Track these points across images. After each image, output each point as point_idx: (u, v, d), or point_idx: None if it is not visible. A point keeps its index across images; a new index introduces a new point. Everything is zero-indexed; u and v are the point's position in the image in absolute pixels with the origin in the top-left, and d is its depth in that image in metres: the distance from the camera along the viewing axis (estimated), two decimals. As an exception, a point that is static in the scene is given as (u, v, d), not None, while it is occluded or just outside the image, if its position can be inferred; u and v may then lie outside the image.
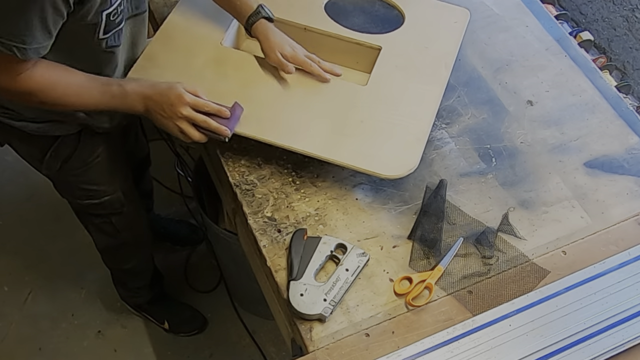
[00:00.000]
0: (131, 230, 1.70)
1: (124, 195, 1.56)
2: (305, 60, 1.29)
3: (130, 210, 1.62)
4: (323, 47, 1.40)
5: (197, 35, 1.36)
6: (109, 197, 1.54)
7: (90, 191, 1.51)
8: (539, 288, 1.14)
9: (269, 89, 1.29)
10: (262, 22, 1.29)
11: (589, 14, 1.78)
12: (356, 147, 1.22)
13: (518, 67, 1.48)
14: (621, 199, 1.28)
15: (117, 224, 1.64)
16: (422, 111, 1.28)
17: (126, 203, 1.59)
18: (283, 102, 1.27)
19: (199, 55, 1.32)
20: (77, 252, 2.22)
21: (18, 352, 2.07)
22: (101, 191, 1.52)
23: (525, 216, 1.25)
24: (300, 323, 1.10)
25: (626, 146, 1.36)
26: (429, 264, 1.17)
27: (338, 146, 1.22)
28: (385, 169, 1.20)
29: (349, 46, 1.41)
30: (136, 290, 2.02)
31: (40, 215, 2.30)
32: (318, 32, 1.40)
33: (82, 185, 1.50)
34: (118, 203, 1.57)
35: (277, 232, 1.20)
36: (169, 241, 2.25)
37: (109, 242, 1.74)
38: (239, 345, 2.10)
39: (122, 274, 1.94)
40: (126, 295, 2.06)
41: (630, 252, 1.19)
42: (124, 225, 1.66)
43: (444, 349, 1.06)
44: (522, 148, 1.35)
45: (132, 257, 1.83)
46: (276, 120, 1.25)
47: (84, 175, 1.46)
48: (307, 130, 1.24)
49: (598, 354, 1.06)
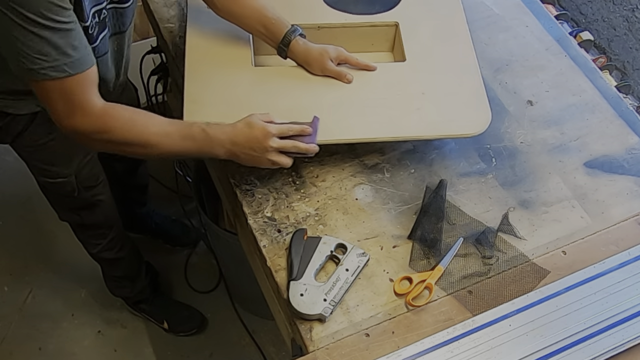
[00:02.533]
0: (91, 214, 1.68)
1: (78, 182, 1.54)
2: (348, 57, 1.31)
3: (85, 197, 1.60)
4: (338, 39, 1.41)
5: (225, 64, 1.33)
6: (62, 180, 1.52)
7: (44, 170, 1.50)
8: (539, 288, 1.14)
9: (319, 94, 1.29)
10: (299, 39, 1.29)
11: (589, 14, 1.78)
12: (430, 117, 1.26)
13: (518, 67, 1.48)
14: (621, 199, 1.28)
15: (73, 204, 1.63)
16: (466, 68, 1.34)
17: (80, 189, 1.56)
18: (338, 101, 1.28)
19: (237, 84, 1.30)
20: (77, 252, 2.21)
21: (18, 352, 2.07)
22: (54, 172, 1.50)
23: (525, 216, 1.25)
24: (300, 323, 1.10)
25: (626, 146, 1.36)
26: (429, 264, 1.17)
27: (412, 123, 1.25)
28: (467, 129, 1.25)
29: (363, 31, 1.43)
30: (118, 280, 2.01)
31: (40, 215, 2.30)
32: (332, 26, 1.42)
33: (36, 163, 1.49)
34: (70, 187, 1.54)
35: (277, 232, 1.20)
36: (161, 238, 2.25)
37: (70, 218, 1.74)
38: (239, 345, 2.10)
39: (100, 262, 1.94)
40: (112, 286, 2.05)
41: (630, 252, 1.19)
42: (80, 206, 1.65)
43: (444, 349, 1.06)
44: (522, 148, 1.35)
45: (98, 240, 1.81)
46: (341, 119, 1.25)
47: (35, 153, 1.45)
48: (377, 117, 1.26)
49: (598, 354, 1.06)
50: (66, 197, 1.59)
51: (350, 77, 1.30)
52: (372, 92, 1.30)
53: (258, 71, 1.33)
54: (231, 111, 1.20)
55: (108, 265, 1.95)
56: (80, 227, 1.78)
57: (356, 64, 1.32)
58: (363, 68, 1.32)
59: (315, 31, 1.41)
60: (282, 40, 1.29)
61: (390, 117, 1.26)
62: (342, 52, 1.31)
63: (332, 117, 1.25)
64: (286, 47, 1.29)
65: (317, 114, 1.23)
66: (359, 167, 1.30)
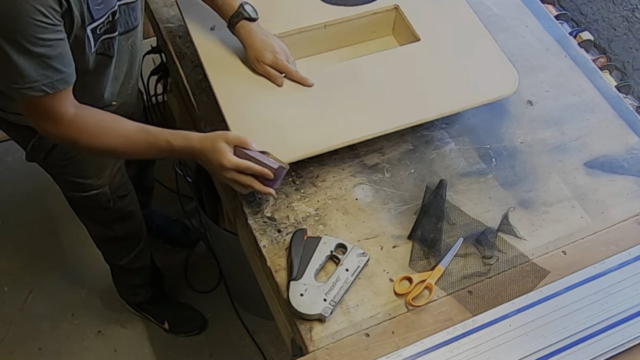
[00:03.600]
0: (123, 226, 1.69)
1: (111, 192, 1.55)
2: (286, 66, 1.28)
3: (120, 207, 1.61)
4: (342, 32, 1.43)
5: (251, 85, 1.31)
6: (96, 192, 1.52)
7: (77, 183, 1.50)
8: (539, 288, 1.14)
9: (346, 87, 1.30)
10: (244, 24, 1.27)
11: (589, 14, 1.78)
12: (462, 89, 1.30)
13: (518, 67, 1.47)
14: (621, 199, 1.28)
15: (107, 217, 1.63)
16: (478, 35, 1.39)
17: (115, 200, 1.57)
18: (364, 94, 1.29)
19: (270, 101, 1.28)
20: (77, 252, 2.22)
21: (18, 352, 2.07)
22: (87, 185, 1.50)
23: (525, 216, 1.25)
24: (300, 323, 1.10)
25: (626, 146, 1.36)
26: (429, 264, 1.17)
27: (447, 98, 1.29)
28: (499, 91, 1.31)
29: (365, 20, 1.44)
30: (135, 288, 2.01)
31: (40, 215, 2.30)
32: (338, 22, 1.42)
33: (68, 177, 1.49)
34: (105, 198, 1.55)
35: (277, 232, 1.20)
36: (161, 238, 2.25)
37: (102, 233, 1.73)
38: (239, 345, 2.10)
39: (119, 270, 1.93)
40: (125, 292, 2.05)
41: (630, 252, 1.19)
42: (114, 219, 1.65)
43: (444, 349, 1.06)
44: (522, 148, 1.35)
45: (127, 252, 1.82)
46: (375, 109, 1.27)
47: (68, 167, 1.45)
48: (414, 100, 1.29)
49: (598, 354, 1.06)
50: (100, 210, 1.59)
51: (281, 81, 1.27)
52: (401, 77, 1.32)
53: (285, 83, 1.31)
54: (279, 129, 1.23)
55: (128, 274, 1.95)
56: (112, 240, 1.76)
57: (291, 76, 1.28)
58: (297, 81, 1.29)
59: (323, 30, 1.41)
60: (229, 22, 1.28)
61: (426, 97, 1.29)
62: (279, 62, 1.27)
63: (365, 109, 1.26)
64: (232, 29, 1.29)
65: (349, 105, 1.25)
66: (359, 167, 1.30)
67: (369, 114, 1.26)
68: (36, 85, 1.03)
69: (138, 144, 1.15)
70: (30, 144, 1.38)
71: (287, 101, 1.28)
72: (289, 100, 1.28)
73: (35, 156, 1.42)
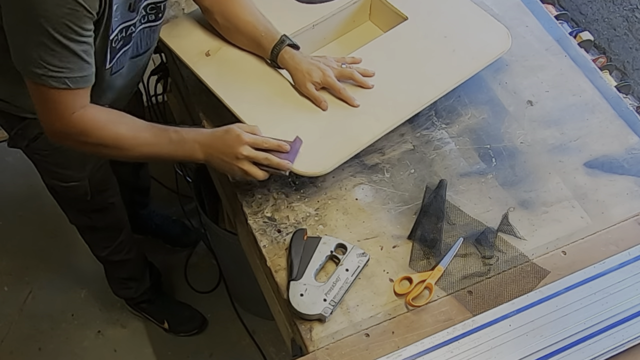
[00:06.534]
0: (103, 217, 1.69)
1: (91, 186, 1.54)
2: (334, 83, 1.26)
3: (98, 200, 1.61)
4: (328, 29, 1.43)
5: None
6: (76, 184, 1.52)
7: (57, 173, 1.50)
8: (539, 288, 1.14)
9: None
10: (288, 51, 1.27)
11: (589, 14, 1.78)
12: (462, 57, 1.33)
13: (518, 67, 1.48)
14: (621, 199, 1.28)
15: (85, 207, 1.64)
16: (469, 7, 1.42)
17: (94, 193, 1.56)
18: (369, 91, 1.29)
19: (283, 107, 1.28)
20: (77, 252, 2.22)
21: (18, 352, 2.07)
22: (67, 175, 1.50)
23: (525, 216, 1.25)
24: (300, 323, 1.10)
25: (626, 146, 1.36)
26: (429, 264, 1.17)
27: (451, 71, 1.31)
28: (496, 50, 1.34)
29: (347, 11, 1.45)
30: (124, 282, 2.01)
31: (41, 215, 2.30)
32: (324, 19, 1.42)
33: (48, 166, 1.49)
34: (83, 190, 1.54)
35: (277, 232, 1.20)
36: (161, 238, 2.26)
37: (81, 221, 1.74)
38: (239, 345, 2.10)
39: (106, 263, 1.94)
40: (117, 287, 2.05)
41: (630, 252, 1.19)
42: (92, 210, 1.65)
43: (444, 349, 1.06)
44: (522, 148, 1.35)
45: (108, 243, 1.82)
46: (385, 97, 1.28)
47: (49, 157, 1.45)
48: (418, 83, 1.29)
49: (598, 354, 1.06)
50: (78, 200, 1.59)
51: (325, 105, 1.26)
52: (401, 61, 1.33)
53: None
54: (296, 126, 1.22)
55: (114, 267, 1.95)
56: (91, 229, 1.77)
57: (338, 94, 1.26)
58: (343, 100, 1.27)
59: (311, 30, 1.41)
60: (271, 52, 1.28)
61: (430, 76, 1.30)
62: (328, 78, 1.26)
63: (378, 99, 1.27)
64: (275, 59, 1.28)
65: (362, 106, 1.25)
66: (359, 167, 1.30)
67: (377, 112, 1.25)
68: (60, 76, 1.02)
69: (146, 136, 1.14)
70: (13, 131, 1.39)
71: (297, 119, 1.25)
72: (298, 118, 1.26)
73: (18, 142, 1.42)
